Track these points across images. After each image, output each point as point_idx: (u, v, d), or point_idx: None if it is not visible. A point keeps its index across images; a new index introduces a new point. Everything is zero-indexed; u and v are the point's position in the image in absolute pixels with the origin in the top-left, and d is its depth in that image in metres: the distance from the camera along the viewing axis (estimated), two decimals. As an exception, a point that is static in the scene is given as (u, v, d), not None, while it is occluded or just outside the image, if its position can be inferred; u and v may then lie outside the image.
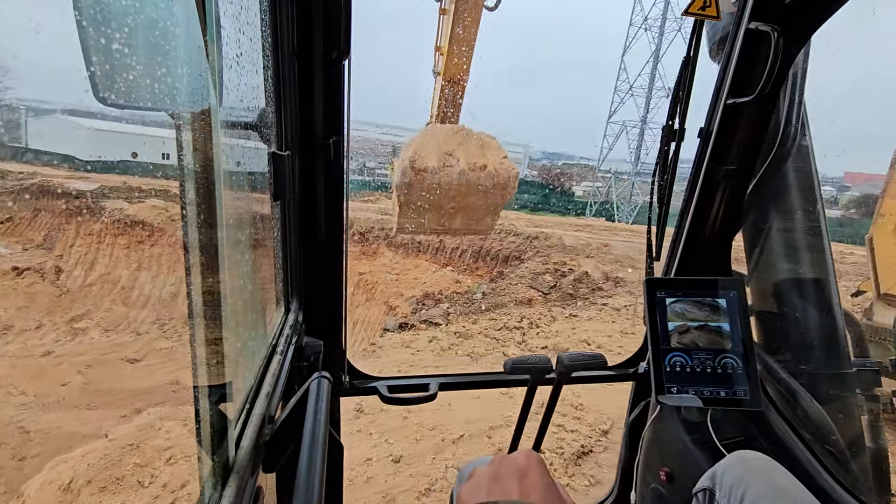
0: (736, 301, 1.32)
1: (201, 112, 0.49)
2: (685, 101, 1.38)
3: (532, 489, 0.55)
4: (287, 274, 1.10)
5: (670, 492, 1.42)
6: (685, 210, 1.48)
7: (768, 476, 0.98)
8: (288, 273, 1.11)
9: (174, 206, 14.88)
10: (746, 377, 1.27)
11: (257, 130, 0.83)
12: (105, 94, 0.37)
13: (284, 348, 0.89)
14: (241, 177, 0.74)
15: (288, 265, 1.10)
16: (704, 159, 1.40)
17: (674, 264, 1.53)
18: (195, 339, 0.49)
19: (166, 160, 17.91)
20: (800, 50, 1.25)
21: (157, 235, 14.62)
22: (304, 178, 1.14)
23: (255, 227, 0.86)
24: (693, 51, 1.33)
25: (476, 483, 0.59)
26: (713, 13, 1.25)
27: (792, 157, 1.37)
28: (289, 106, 1.00)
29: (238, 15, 0.67)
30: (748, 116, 1.33)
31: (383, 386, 1.36)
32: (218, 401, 0.52)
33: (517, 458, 0.60)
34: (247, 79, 0.72)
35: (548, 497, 0.55)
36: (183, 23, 0.46)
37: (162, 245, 14.43)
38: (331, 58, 1.05)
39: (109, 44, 0.37)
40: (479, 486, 0.58)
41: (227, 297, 0.54)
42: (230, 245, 0.59)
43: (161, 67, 0.43)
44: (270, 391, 0.72)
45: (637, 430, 1.64)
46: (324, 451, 0.62)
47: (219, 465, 0.51)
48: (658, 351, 1.32)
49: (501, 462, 0.61)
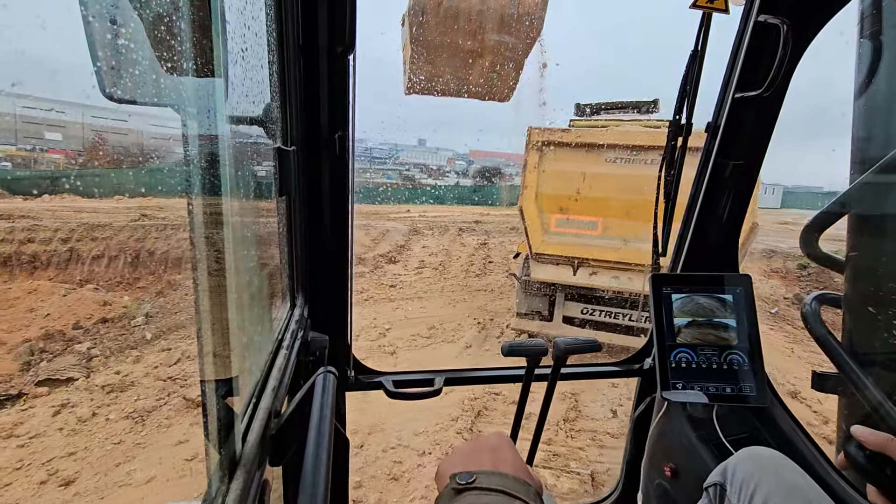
0: (742, 297, 1.31)
1: (207, 108, 0.49)
2: (692, 96, 1.36)
3: (503, 462, 0.64)
4: (293, 269, 1.11)
5: (675, 487, 1.42)
6: (692, 205, 1.47)
7: (780, 473, 0.97)
8: (293, 268, 1.11)
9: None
10: (753, 373, 1.26)
11: (262, 126, 0.83)
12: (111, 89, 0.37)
13: (290, 343, 0.89)
14: (247, 172, 0.74)
15: (293, 260, 1.10)
16: (712, 154, 1.39)
17: (680, 260, 1.52)
18: (202, 333, 0.49)
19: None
20: (809, 43, 1.23)
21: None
22: (309, 174, 1.14)
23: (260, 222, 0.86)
24: (700, 45, 1.32)
25: (454, 457, 0.68)
26: (721, 6, 1.24)
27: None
28: (294, 101, 1.00)
29: (243, 10, 0.67)
30: (756, 111, 1.32)
31: (389, 381, 1.37)
32: (225, 395, 0.53)
33: (490, 437, 0.70)
34: (252, 74, 0.72)
35: (517, 470, 0.63)
36: (188, 18, 0.46)
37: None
38: (336, 52, 1.05)
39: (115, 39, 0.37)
40: (457, 459, 0.67)
41: (234, 292, 0.54)
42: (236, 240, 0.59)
43: (167, 63, 0.43)
44: (276, 385, 0.72)
45: (642, 426, 1.64)
46: (329, 445, 0.62)
47: (226, 458, 0.51)
48: (664, 347, 1.32)
49: (476, 440, 0.71)
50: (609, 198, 5.11)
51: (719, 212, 1.45)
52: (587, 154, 5.14)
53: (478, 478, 0.61)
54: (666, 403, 1.47)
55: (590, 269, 5.17)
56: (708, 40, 1.33)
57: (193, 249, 0.48)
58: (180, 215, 12.56)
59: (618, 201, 5.08)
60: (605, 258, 5.10)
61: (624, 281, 5.12)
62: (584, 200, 5.16)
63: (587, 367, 1.59)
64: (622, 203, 5.07)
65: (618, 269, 5.13)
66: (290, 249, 1.08)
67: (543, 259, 5.27)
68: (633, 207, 5.05)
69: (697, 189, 1.45)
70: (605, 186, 5.10)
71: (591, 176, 5.12)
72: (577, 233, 5.23)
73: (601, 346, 1.40)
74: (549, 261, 5.27)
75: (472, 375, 1.48)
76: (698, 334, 1.31)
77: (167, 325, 7.57)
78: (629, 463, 1.71)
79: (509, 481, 0.61)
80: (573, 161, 5.16)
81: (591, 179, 5.11)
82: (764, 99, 1.26)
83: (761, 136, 1.35)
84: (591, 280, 5.18)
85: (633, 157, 5.09)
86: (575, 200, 5.18)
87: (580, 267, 5.18)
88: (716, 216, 1.45)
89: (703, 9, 1.25)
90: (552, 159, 5.22)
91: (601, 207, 5.15)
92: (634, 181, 5.03)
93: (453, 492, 0.61)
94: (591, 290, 5.34)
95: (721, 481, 1.04)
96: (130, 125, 22.20)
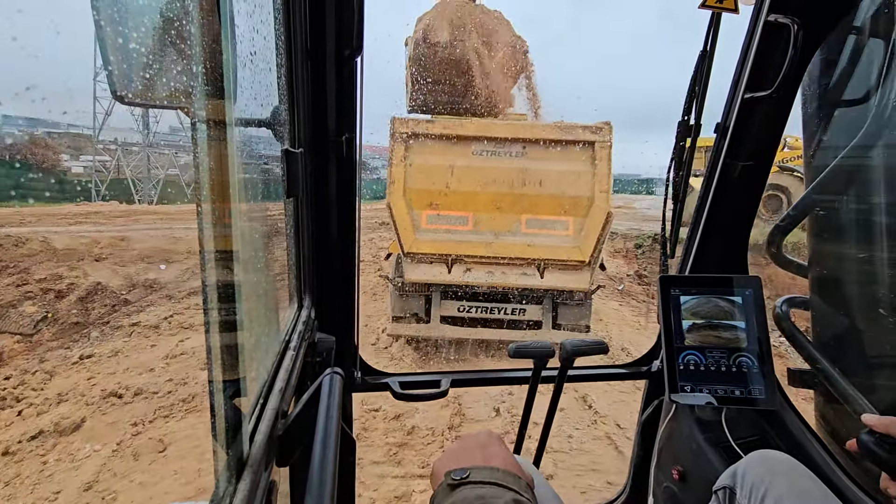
0: (752, 299, 1.30)
1: (216, 110, 0.49)
2: (701, 96, 1.35)
3: (493, 457, 0.69)
4: (300, 270, 1.11)
5: (684, 490, 1.41)
6: (701, 206, 1.46)
7: (791, 477, 0.96)
8: (301, 269, 1.11)
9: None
10: (762, 376, 1.25)
11: (271, 128, 0.84)
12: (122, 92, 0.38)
13: (297, 344, 0.90)
14: (256, 174, 0.74)
15: (301, 262, 1.11)
16: (721, 155, 1.37)
17: (688, 262, 1.51)
18: (210, 334, 0.50)
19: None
20: (820, 43, 1.22)
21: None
22: (316, 176, 1.15)
23: (268, 223, 0.87)
24: (710, 44, 1.31)
25: (446, 456, 0.72)
26: (731, 6, 1.23)
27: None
28: (301, 104, 1.01)
29: (252, 14, 0.67)
30: (766, 111, 1.30)
31: (395, 382, 1.37)
32: (233, 395, 0.53)
33: (479, 435, 0.75)
34: (260, 77, 0.72)
35: (508, 464, 0.68)
36: (198, 22, 0.46)
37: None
38: (343, 56, 1.06)
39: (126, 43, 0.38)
40: (449, 458, 0.71)
41: (242, 294, 0.55)
42: (245, 241, 0.60)
43: (176, 66, 0.43)
44: (284, 386, 0.73)
45: (650, 428, 1.62)
46: (336, 446, 0.62)
47: (233, 458, 0.52)
48: (672, 349, 1.31)
49: (466, 438, 0.75)
50: (478, 192, 4.98)
51: (728, 213, 1.43)
52: (454, 146, 5.00)
53: (471, 473, 0.64)
54: (674, 406, 1.46)
55: (464, 266, 5.04)
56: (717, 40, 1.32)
57: (202, 251, 0.48)
58: (190, 216, 12.32)
59: (486, 195, 4.97)
60: (479, 253, 4.98)
61: (498, 276, 5.02)
62: (454, 195, 5.00)
63: (594, 370, 1.59)
64: (491, 196, 4.97)
65: (491, 263, 5.03)
66: (297, 251, 1.08)
67: (417, 258, 5.03)
68: (502, 200, 4.96)
69: (706, 190, 1.43)
70: (473, 180, 4.98)
71: (459, 169, 4.96)
72: (449, 229, 5.06)
73: (608, 349, 1.40)
74: (423, 260, 5.04)
75: (479, 377, 1.48)
76: (707, 336, 1.30)
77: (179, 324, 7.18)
78: (637, 465, 1.70)
79: (501, 474, 0.64)
80: (440, 154, 5.00)
81: (460, 172, 4.98)
82: (773, 99, 1.25)
83: (771, 137, 1.34)
84: (467, 277, 5.03)
85: (499, 150, 4.99)
86: (445, 195, 5.00)
87: (454, 264, 5.01)
88: (725, 217, 1.44)
89: (712, 8, 1.24)
90: (419, 152, 5.01)
91: (471, 201, 5.03)
92: (501, 174, 4.96)
93: (449, 488, 0.63)
94: (467, 287, 5.17)
95: (731, 484, 1.03)
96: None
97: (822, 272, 1.41)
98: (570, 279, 5.02)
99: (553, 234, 5.05)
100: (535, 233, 5.02)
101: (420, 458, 3.56)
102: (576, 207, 4.99)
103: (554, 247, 4.98)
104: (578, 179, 4.96)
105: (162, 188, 25.46)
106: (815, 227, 1.42)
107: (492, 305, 5.31)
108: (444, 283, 5.09)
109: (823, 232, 1.40)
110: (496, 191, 4.98)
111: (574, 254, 4.93)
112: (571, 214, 5.02)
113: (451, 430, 3.93)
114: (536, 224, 5.03)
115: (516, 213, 5.02)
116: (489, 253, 4.98)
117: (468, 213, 5.07)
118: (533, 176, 4.97)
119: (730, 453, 1.28)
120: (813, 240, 1.42)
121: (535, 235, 5.01)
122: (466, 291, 5.28)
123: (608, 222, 4.86)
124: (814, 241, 1.42)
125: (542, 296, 5.27)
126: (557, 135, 4.96)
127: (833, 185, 1.33)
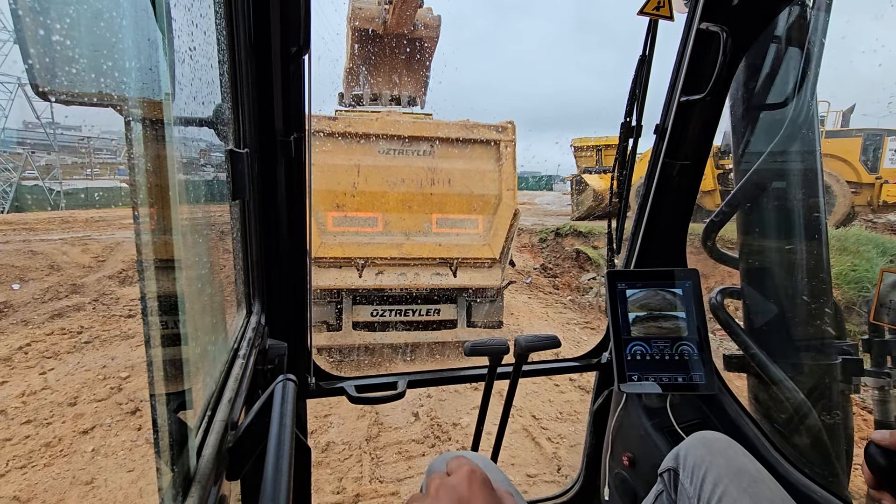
0: (691, 290, 1.38)
1: (153, 108, 0.47)
2: (641, 99, 1.42)
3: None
4: (248, 275, 1.07)
5: (634, 475, 1.47)
6: (643, 204, 1.53)
7: (728, 456, 1.02)
8: (249, 274, 1.07)
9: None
10: (702, 363, 1.33)
11: (213, 127, 0.80)
12: (45, 88, 0.35)
13: (247, 351, 0.86)
14: (197, 175, 0.71)
15: (249, 266, 1.07)
16: (660, 155, 1.45)
17: (633, 256, 1.58)
18: (151, 345, 0.47)
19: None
20: (747, 49, 1.31)
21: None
22: (263, 177, 1.11)
23: (213, 227, 0.83)
24: (648, 49, 1.38)
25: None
26: (667, 13, 1.30)
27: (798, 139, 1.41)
28: (246, 102, 0.97)
29: (190, 7, 0.64)
30: (700, 113, 1.39)
31: (350, 386, 1.35)
32: (177, 408, 0.50)
33: (458, 485, 0.51)
34: (201, 73, 0.69)
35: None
36: (131, 13, 0.44)
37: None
38: (290, 53, 1.03)
39: (49, 34, 0.35)
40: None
41: (185, 301, 0.52)
42: (187, 246, 0.57)
43: (108, 61, 0.40)
44: (233, 396, 0.70)
45: (601, 418, 1.69)
46: (290, 454, 0.60)
47: (179, 475, 0.49)
48: (619, 341, 1.37)
49: (438, 491, 0.51)
50: (386, 191, 4.90)
51: (668, 210, 1.51)
52: (360, 145, 4.90)
53: None
54: (624, 396, 1.52)
55: (376, 269, 4.92)
56: (655, 45, 1.39)
57: (140, 259, 0.45)
58: (127, 220, 11.22)
59: (396, 194, 4.90)
60: (390, 255, 4.87)
61: (411, 277, 4.96)
62: (362, 195, 4.86)
63: (547, 364, 1.63)
64: (400, 196, 4.91)
65: (403, 265, 4.95)
66: (245, 255, 1.04)
67: (324, 263, 4.82)
68: (412, 200, 4.93)
69: (648, 189, 1.51)
70: (381, 179, 4.88)
71: (365, 169, 4.85)
72: (358, 230, 4.90)
73: (560, 343, 1.44)
74: (332, 264, 4.83)
75: (435, 377, 1.48)
76: (651, 327, 1.37)
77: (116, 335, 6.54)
78: (589, 455, 1.76)
79: None
80: (346, 153, 4.88)
81: (367, 172, 4.85)
82: (707, 102, 1.33)
83: (705, 138, 1.42)
84: (379, 280, 4.88)
85: (406, 148, 4.96)
86: (352, 196, 4.87)
87: (365, 267, 4.86)
88: (665, 214, 1.52)
89: (649, 15, 1.31)
90: (323, 151, 4.87)
91: (380, 202, 4.90)
92: (410, 173, 4.93)
93: None
94: (380, 290, 5.01)
95: (674, 466, 1.08)
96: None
97: (751, 264, 1.53)
98: (482, 277, 5.05)
99: (463, 232, 5.05)
100: (446, 232, 5.00)
101: (336, 478, 3.27)
102: (484, 206, 5.02)
103: (465, 245, 4.99)
104: (485, 178, 5.00)
105: (17, 194, 19.53)
106: (743, 222, 1.53)
107: (406, 308, 5.18)
108: (356, 287, 4.92)
109: (750, 227, 1.52)
110: (405, 190, 4.89)
111: (485, 251, 4.97)
112: (480, 213, 5.05)
113: (368, 441, 3.72)
114: (447, 223, 5.01)
115: (426, 212, 5.01)
116: (401, 254, 4.88)
117: (377, 214, 4.94)
118: (441, 175, 4.95)
119: (674, 437, 1.35)
120: (742, 235, 1.53)
121: (446, 235, 4.99)
122: (379, 295, 5.13)
123: (516, 219, 4.94)
124: (742, 235, 1.53)
125: (456, 294, 5.24)
126: (463, 133, 4.98)
127: (757, 184, 1.45)
